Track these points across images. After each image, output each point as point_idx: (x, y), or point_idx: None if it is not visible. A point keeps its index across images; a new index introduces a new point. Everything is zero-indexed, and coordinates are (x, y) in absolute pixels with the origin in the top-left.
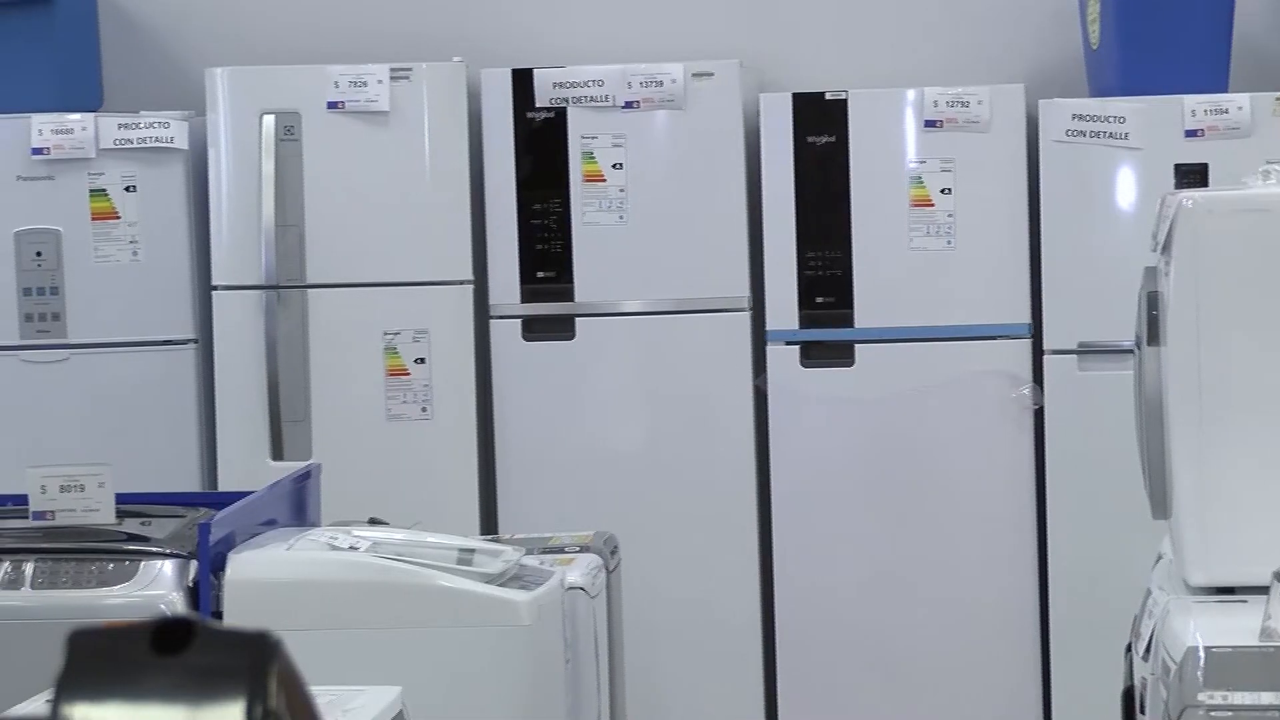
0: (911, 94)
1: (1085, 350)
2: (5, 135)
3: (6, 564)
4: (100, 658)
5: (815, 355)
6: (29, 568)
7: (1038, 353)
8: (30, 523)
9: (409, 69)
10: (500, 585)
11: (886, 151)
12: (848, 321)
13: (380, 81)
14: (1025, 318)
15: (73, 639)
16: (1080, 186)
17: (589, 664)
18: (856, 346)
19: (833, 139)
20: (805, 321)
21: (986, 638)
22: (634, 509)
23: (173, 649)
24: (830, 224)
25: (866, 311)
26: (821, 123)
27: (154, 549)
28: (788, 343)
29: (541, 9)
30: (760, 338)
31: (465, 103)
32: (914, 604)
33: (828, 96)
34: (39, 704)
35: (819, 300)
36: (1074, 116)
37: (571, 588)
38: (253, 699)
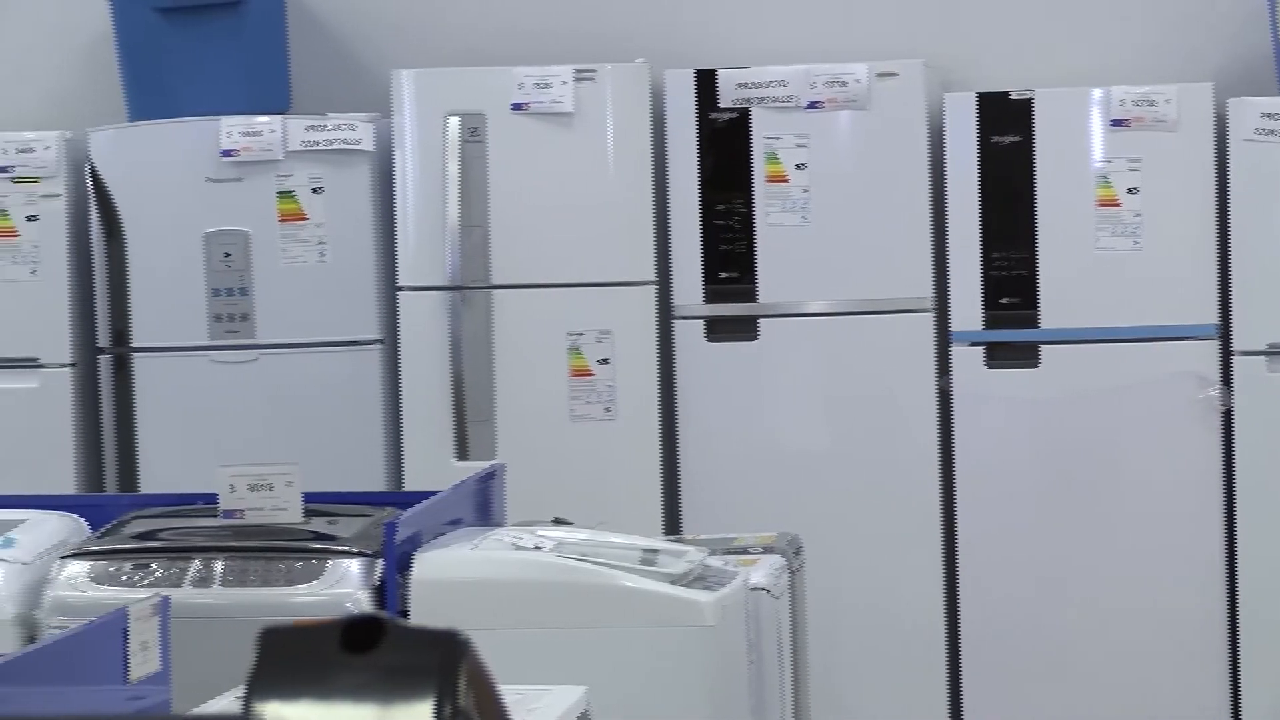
0: (1098, 93)
1: (1276, 351)
2: (195, 137)
3: (197, 562)
4: (291, 656)
5: (1000, 356)
6: (219, 566)
7: (1226, 354)
8: (220, 521)
9: (593, 70)
10: (684, 585)
11: (1072, 151)
12: (1033, 322)
13: (564, 83)
14: (1213, 318)
15: (264, 637)
16: (1270, 186)
17: (772, 665)
18: (1041, 347)
19: (1018, 138)
20: (990, 322)
21: (1174, 642)
22: (817, 510)
23: (363, 647)
24: (1015, 224)
25: (1052, 312)
26: (1007, 122)
27: (341, 548)
28: (972, 343)
29: (725, 9)
30: (944, 338)
31: (649, 103)
32: (1099, 607)
33: (1013, 96)
34: (228, 701)
35: (1004, 301)
36: (1263, 115)
37: (755, 588)
38: (442, 697)
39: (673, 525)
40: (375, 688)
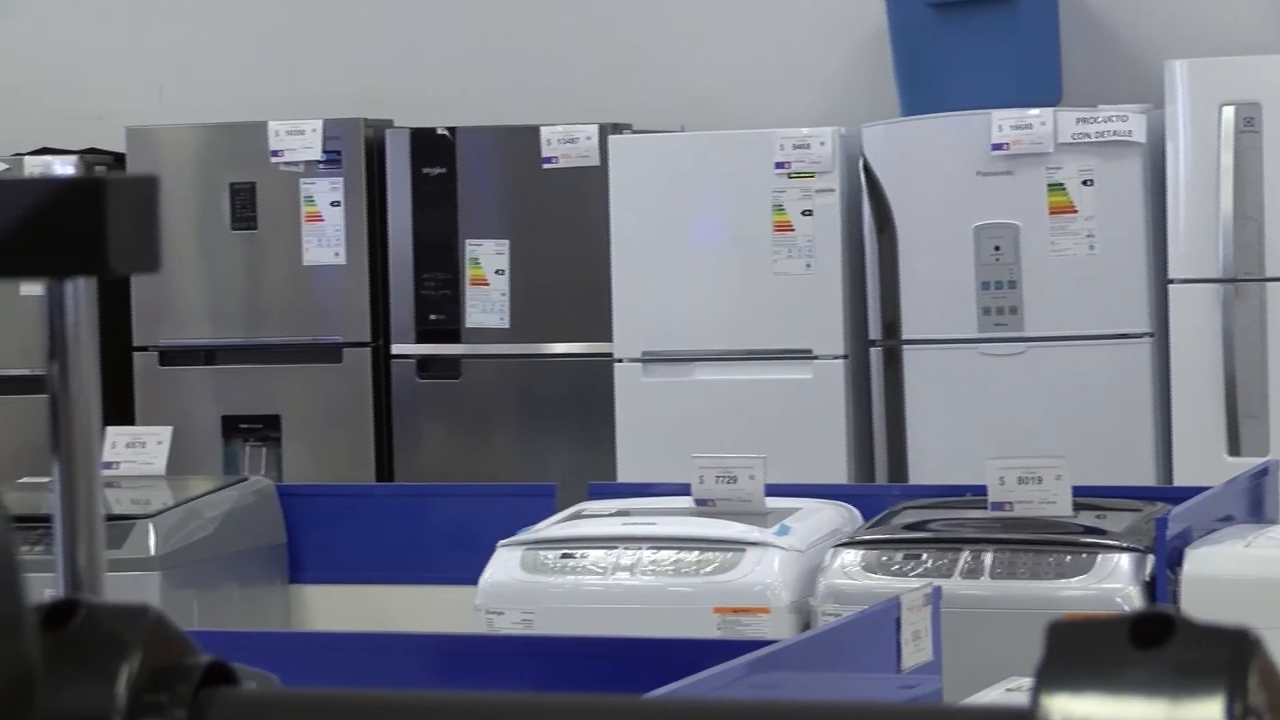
0: None
1: None
2: (967, 131)
3: (966, 553)
4: (1079, 650)
5: None
6: (988, 558)
7: None
8: (989, 513)
9: None
10: None
11: None
12: None
13: None
14: None
15: (1052, 631)
16: None
17: None
18: None
19: None
20: None
21: None
22: None
23: (1151, 643)
24: None
25: None
26: None
27: (1111, 542)
28: None
29: None
30: None
31: None
32: None
33: None
34: (998, 692)
35: None
36: None
37: None
38: (1233, 695)
39: None
40: (1164, 684)
